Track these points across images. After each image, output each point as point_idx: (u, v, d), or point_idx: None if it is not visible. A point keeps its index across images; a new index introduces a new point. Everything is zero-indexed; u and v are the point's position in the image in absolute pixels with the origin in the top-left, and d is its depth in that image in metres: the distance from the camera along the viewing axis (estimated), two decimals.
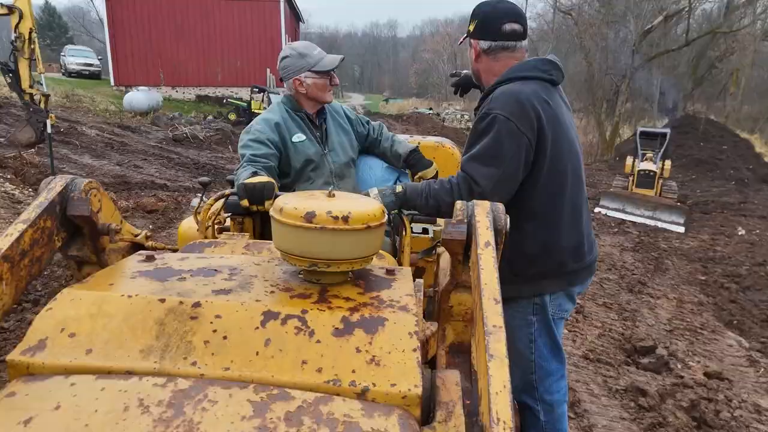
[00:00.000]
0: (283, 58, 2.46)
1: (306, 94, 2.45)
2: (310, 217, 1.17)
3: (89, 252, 1.45)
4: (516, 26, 2.05)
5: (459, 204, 1.33)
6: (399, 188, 2.00)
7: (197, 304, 1.11)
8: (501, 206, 1.32)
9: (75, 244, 1.44)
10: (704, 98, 26.18)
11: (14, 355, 1.05)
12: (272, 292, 1.20)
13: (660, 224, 9.93)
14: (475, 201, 1.33)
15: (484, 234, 1.21)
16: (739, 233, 9.68)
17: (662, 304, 5.94)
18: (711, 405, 3.58)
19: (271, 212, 1.25)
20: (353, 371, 1.00)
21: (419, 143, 2.79)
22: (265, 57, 25.28)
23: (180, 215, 8.17)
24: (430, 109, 27.92)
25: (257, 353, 1.03)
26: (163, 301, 1.12)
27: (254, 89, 20.22)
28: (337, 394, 0.97)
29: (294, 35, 31.01)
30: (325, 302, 1.16)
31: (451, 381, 1.07)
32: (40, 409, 0.93)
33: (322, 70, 2.40)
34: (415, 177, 2.52)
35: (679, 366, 4.27)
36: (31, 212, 1.27)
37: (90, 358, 1.03)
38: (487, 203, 1.32)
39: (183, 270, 1.29)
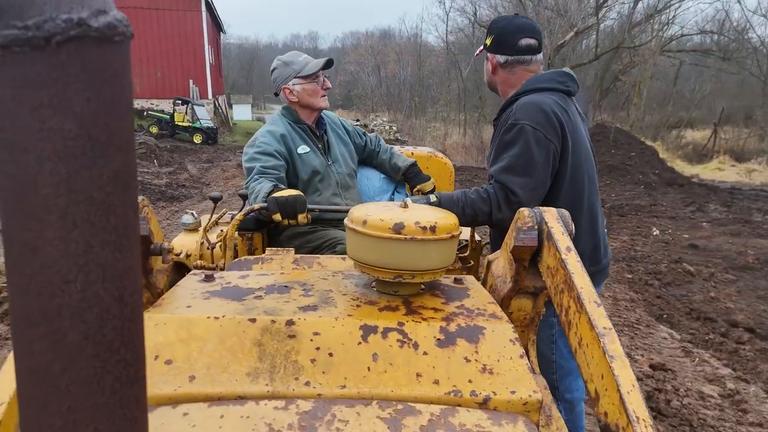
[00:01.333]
0: (272, 71, 2.46)
1: (298, 102, 2.43)
2: (398, 228, 1.17)
3: None
4: (531, 41, 2.16)
5: (526, 211, 1.35)
6: (433, 198, 2.05)
7: (290, 322, 1.10)
8: (566, 212, 1.36)
9: None
10: (610, 108, 28.10)
11: None
12: (357, 306, 1.20)
13: None
14: (541, 207, 1.36)
15: (563, 239, 1.24)
16: (654, 233, 10.47)
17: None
18: (662, 395, 3.87)
19: (349, 224, 1.24)
20: (470, 381, 1.03)
21: (412, 153, 2.85)
22: (187, 68, 24.42)
23: None
24: (357, 120, 28.03)
25: (369, 369, 1.04)
26: (253, 321, 1.10)
27: (177, 101, 19.57)
28: (459, 405, 0.99)
29: (216, 46, 30.18)
30: (416, 314, 1.17)
31: (540, 385, 1.12)
32: None
33: (308, 74, 2.40)
34: (414, 190, 2.58)
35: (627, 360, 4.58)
36: None
37: (195, 385, 1.01)
38: (553, 209, 1.35)
39: (252, 288, 1.27)
